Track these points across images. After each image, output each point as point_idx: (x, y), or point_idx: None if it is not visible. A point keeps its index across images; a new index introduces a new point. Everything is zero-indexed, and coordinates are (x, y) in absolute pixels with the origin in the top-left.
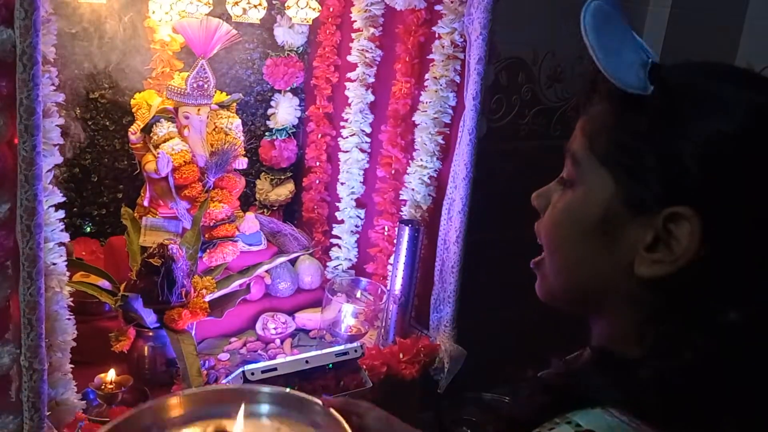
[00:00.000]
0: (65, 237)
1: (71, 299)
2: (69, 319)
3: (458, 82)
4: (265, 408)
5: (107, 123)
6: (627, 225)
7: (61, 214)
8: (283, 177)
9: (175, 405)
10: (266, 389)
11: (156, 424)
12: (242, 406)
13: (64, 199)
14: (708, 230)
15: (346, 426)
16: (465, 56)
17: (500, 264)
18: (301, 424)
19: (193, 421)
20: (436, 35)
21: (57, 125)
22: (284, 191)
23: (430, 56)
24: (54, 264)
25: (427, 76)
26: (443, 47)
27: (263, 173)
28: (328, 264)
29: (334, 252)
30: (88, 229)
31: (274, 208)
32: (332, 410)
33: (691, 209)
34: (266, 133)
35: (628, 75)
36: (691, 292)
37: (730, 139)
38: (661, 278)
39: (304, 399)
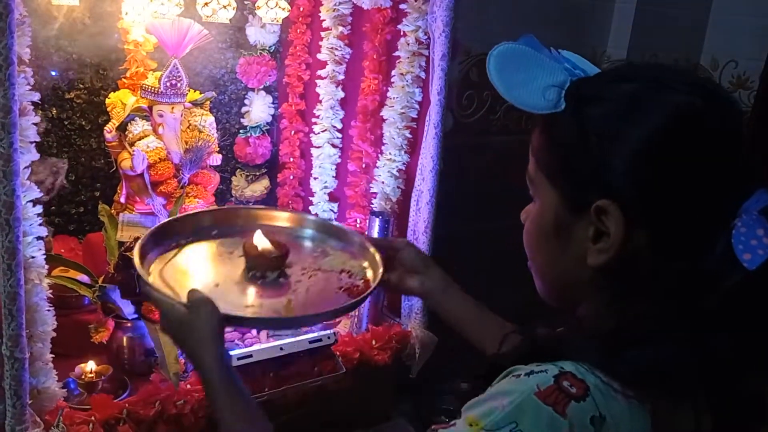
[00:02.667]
0: (43, 231)
1: (51, 292)
2: (49, 310)
3: (423, 78)
4: (308, 232)
5: (83, 123)
6: (574, 225)
7: (39, 209)
8: (258, 173)
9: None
10: (311, 217)
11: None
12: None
13: (41, 194)
14: (630, 217)
15: (377, 256)
16: (429, 53)
17: (472, 254)
18: (343, 253)
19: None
20: (402, 33)
21: (33, 123)
22: (259, 187)
23: (397, 53)
24: (33, 257)
25: (393, 72)
26: (408, 44)
27: (238, 170)
28: None
29: None
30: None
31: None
32: (367, 242)
33: (610, 201)
34: (241, 131)
35: (534, 100)
36: (636, 270)
37: (645, 140)
38: (608, 264)
39: (344, 229)
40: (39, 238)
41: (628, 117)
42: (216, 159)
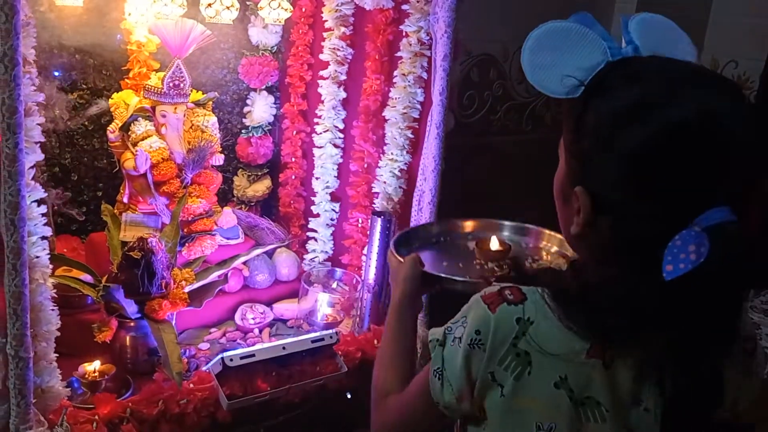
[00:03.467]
0: (48, 231)
1: (55, 292)
2: (53, 309)
3: (425, 78)
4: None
5: (86, 123)
6: (570, 196)
7: (44, 209)
8: (259, 173)
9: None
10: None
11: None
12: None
13: (45, 194)
14: (596, 205)
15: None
16: (431, 53)
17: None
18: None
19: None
20: (404, 34)
21: (37, 123)
22: (261, 187)
23: (399, 54)
24: (37, 257)
25: (396, 73)
26: (411, 45)
27: (240, 170)
28: (304, 256)
29: (310, 245)
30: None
31: (252, 204)
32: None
33: (582, 189)
34: (243, 131)
35: (552, 85)
36: (601, 248)
37: (628, 150)
38: (583, 234)
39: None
40: (43, 238)
41: (621, 123)
42: (218, 159)
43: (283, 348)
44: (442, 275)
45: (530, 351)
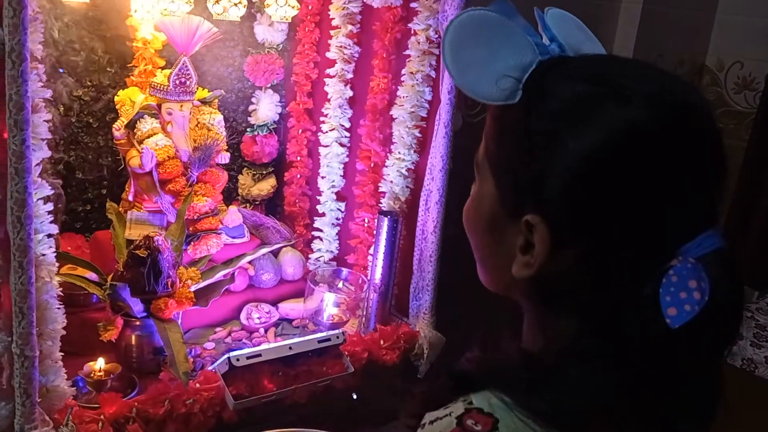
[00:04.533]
0: (54, 229)
1: (60, 290)
2: (59, 308)
3: (434, 77)
4: None
5: (91, 120)
6: (508, 228)
7: (50, 206)
8: (264, 172)
9: None
10: None
11: None
12: None
13: (52, 192)
14: (558, 236)
15: None
16: (440, 52)
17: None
18: None
19: None
20: (412, 32)
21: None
22: (266, 186)
23: (407, 52)
24: (43, 255)
25: (403, 71)
26: (419, 43)
27: (245, 168)
28: (310, 256)
29: (315, 244)
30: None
31: (257, 203)
32: None
33: (539, 217)
34: (248, 129)
35: (485, 88)
36: (558, 291)
37: (583, 158)
38: (533, 279)
39: None
40: (49, 235)
41: (570, 125)
42: (224, 157)
43: (290, 348)
44: None
45: None
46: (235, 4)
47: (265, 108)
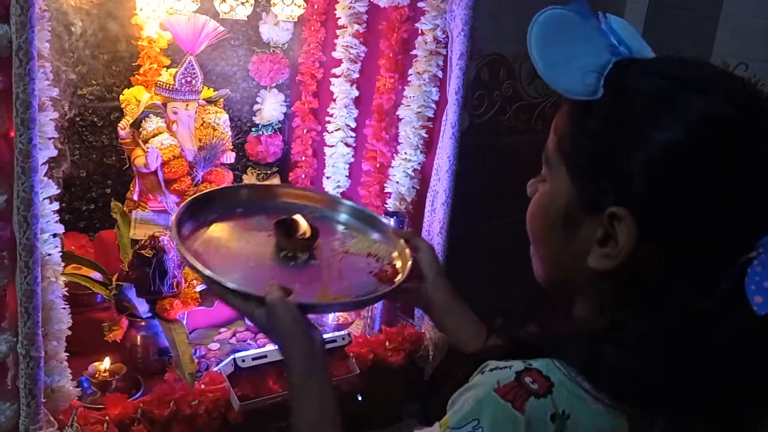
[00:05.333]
0: (60, 228)
1: (66, 290)
2: (64, 308)
3: (441, 77)
4: (342, 217)
5: (95, 119)
6: (583, 222)
7: (56, 206)
8: (269, 172)
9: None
10: (348, 203)
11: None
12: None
13: (58, 191)
14: (645, 230)
15: (406, 248)
16: (447, 52)
17: (482, 255)
18: (367, 237)
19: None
20: (419, 31)
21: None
22: None
23: (414, 52)
24: (49, 255)
25: (410, 71)
26: (426, 43)
27: (250, 168)
28: None
29: None
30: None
31: None
32: (394, 233)
33: (627, 210)
34: (252, 129)
35: (571, 83)
36: (637, 283)
37: (670, 149)
38: (611, 270)
39: (376, 218)
40: (55, 235)
41: (655, 119)
42: (230, 157)
43: None
44: (334, 303)
45: None
46: (243, 3)
47: (270, 107)
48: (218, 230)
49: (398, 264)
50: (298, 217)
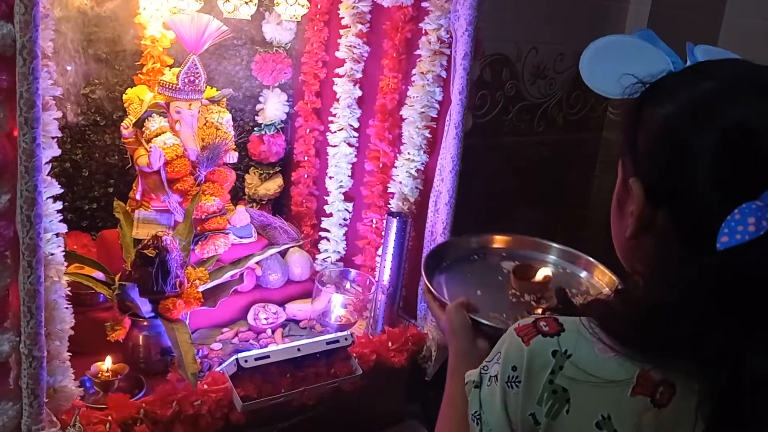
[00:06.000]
0: (63, 228)
1: (69, 290)
2: (67, 308)
3: (444, 77)
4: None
5: (98, 118)
6: (627, 200)
7: (59, 205)
8: (271, 172)
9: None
10: (560, 247)
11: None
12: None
13: (62, 190)
14: (648, 194)
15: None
16: (451, 52)
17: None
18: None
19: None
20: (423, 31)
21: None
22: (273, 186)
23: (417, 52)
24: (52, 254)
25: (414, 71)
26: (430, 43)
27: (252, 168)
28: (317, 256)
29: (323, 245)
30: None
31: (263, 203)
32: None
33: (636, 179)
34: (255, 129)
35: (608, 87)
36: (662, 247)
37: (665, 121)
38: (637, 237)
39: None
40: (58, 234)
41: (655, 101)
42: (232, 156)
43: (298, 349)
44: (497, 325)
45: (568, 387)
46: (246, 2)
47: (273, 107)
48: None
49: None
50: (541, 268)
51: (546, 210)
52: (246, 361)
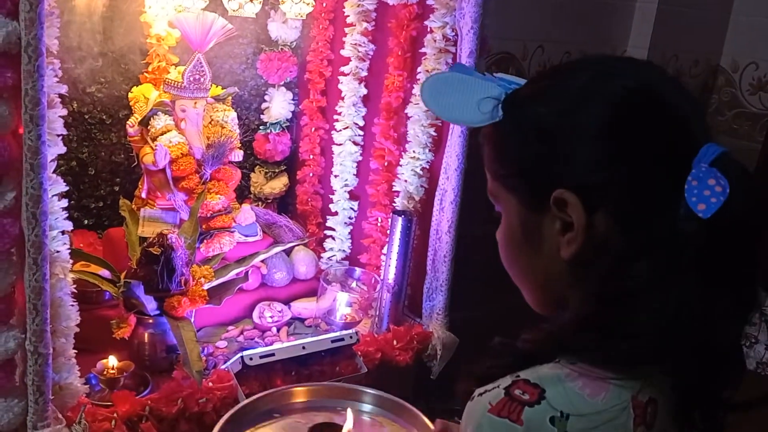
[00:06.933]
0: (68, 225)
1: (74, 287)
2: (72, 305)
3: None
4: (367, 407)
5: (104, 117)
6: (541, 223)
7: (65, 203)
8: (277, 170)
9: (295, 393)
10: (371, 391)
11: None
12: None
13: (67, 188)
14: (589, 202)
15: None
16: (457, 50)
17: (492, 254)
18: (399, 426)
19: (306, 411)
20: (428, 29)
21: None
22: (278, 184)
23: (423, 50)
24: (58, 252)
25: (419, 69)
26: (435, 41)
27: (257, 166)
28: (322, 255)
29: (328, 243)
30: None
31: (269, 201)
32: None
33: (563, 189)
34: (260, 127)
35: (471, 115)
36: (608, 251)
37: (589, 126)
38: (581, 253)
39: (405, 407)
40: (64, 232)
41: (573, 108)
42: (238, 155)
43: (303, 348)
44: None
45: None
46: (251, 1)
47: (278, 106)
48: None
49: None
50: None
51: None
52: (251, 358)
